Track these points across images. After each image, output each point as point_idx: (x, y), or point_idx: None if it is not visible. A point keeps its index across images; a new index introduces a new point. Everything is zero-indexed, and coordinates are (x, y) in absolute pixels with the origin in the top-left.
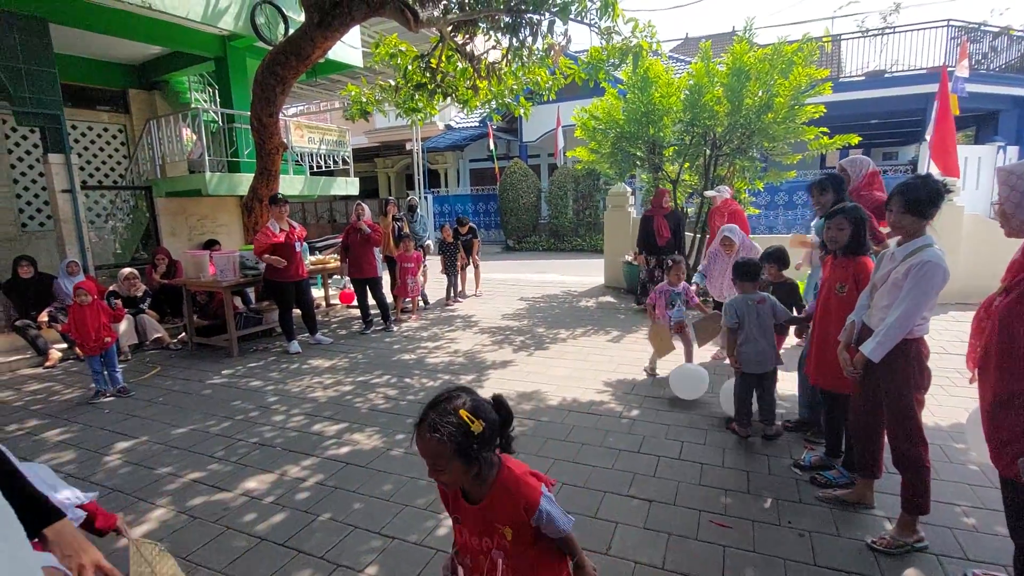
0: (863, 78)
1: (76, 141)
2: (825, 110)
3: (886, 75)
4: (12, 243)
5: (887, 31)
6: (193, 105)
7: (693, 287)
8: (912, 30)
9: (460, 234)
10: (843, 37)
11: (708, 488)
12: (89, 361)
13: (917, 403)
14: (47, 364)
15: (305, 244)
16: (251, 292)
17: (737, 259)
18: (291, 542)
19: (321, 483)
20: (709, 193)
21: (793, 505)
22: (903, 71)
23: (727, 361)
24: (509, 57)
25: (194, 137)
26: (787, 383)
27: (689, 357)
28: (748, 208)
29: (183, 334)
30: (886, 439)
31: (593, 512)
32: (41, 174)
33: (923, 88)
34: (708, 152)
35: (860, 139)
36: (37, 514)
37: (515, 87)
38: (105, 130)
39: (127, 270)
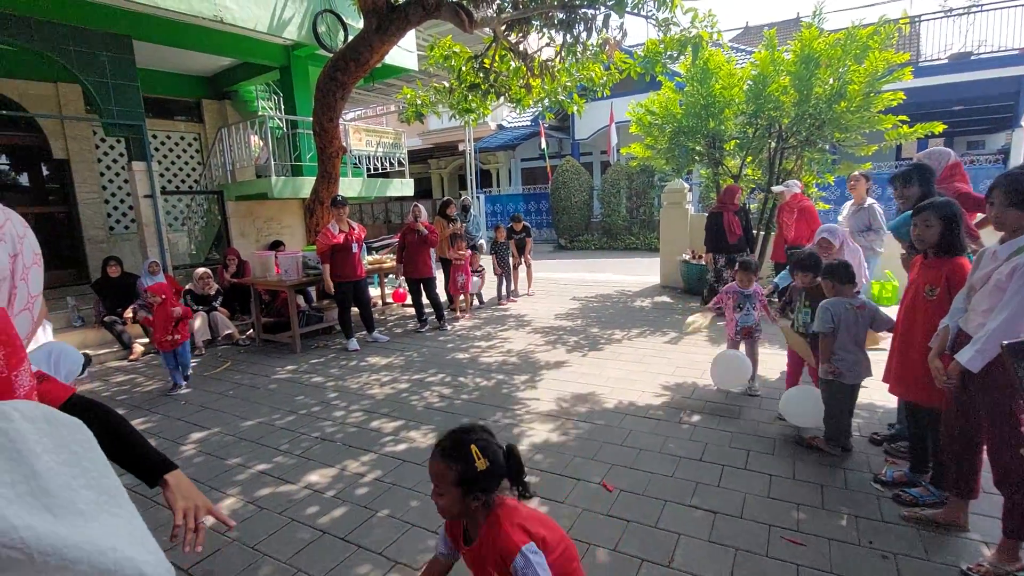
0: (946, 61)
1: (156, 149)
2: (904, 97)
3: (972, 57)
4: (101, 245)
5: (972, 9)
6: (260, 113)
7: (766, 289)
8: (1002, 7)
9: (515, 232)
10: (923, 18)
11: (778, 501)
12: (163, 357)
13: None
14: (131, 357)
15: (363, 245)
16: (312, 291)
17: (830, 261)
18: (352, 537)
19: (379, 479)
20: (777, 188)
21: (874, 524)
22: (991, 52)
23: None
24: (563, 54)
25: (261, 143)
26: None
27: (753, 369)
28: (818, 204)
29: (251, 331)
30: (984, 456)
31: (654, 522)
32: (126, 181)
33: (1015, 70)
34: (773, 145)
35: (944, 127)
36: (156, 464)
37: (568, 84)
38: (182, 138)
39: (201, 270)
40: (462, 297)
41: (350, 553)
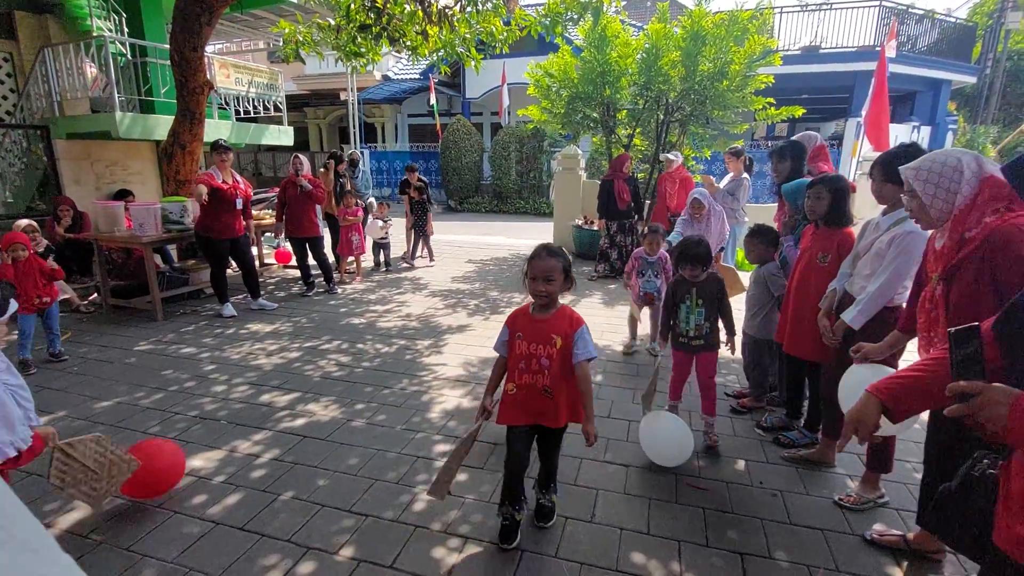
0: (799, 52)
1: None
2: (773, 80)
3: (821, 50)
4: None
5: (823, 7)
6: (96, 34)
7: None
8: (847, 7)
9: (409, 183)
10: (784, 9)
11: None
12: (22, 322)
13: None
14: None
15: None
16: (173, 250)
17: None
18: (251, 525)
19: (278, 459)
20: (667, 156)
21: (762, 466)
22: (834, 48)
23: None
24: (463, 2)
25: (94, 70)
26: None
27: (651, 333)
28: (695, 176)
29: (95, 295)
30: None
31: (573, 479)
32: None
33: (852, 66)
34: (661, 117)
35: (803, 111)
36: None
37: (468, 36)
38: None
39: (25, 222)
40: (351, 259)
41: (252, 543)
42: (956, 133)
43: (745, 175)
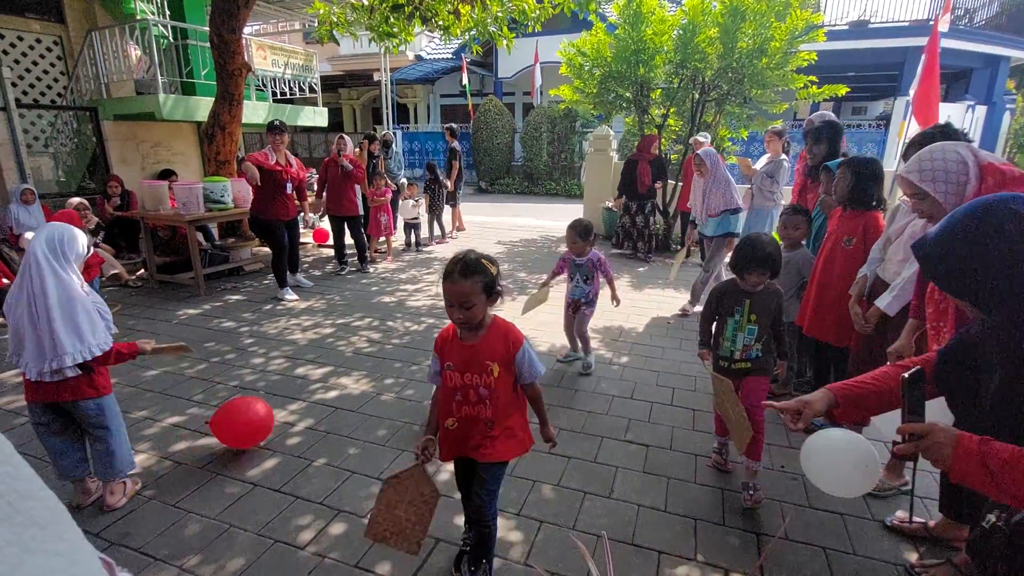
0: (847, 27)
1: (5, 52)
2: (816, 58)
3: (870, 25)
4: None
5: None
6: (139, 17)
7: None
8: None
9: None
10: None
11: (701, 433)
12: None
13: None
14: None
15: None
16: (214, 228)
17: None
18: (287, 488)
19: (312, 428)
20: (697, 137)
21: (783, 450)
22: (884, 23)
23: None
24: None
25: (138, 53)
26: None
27: (582, 347)
28: (730, 157)
29: (142, 270)
30: None
31: (592, 456)
32: None
33: (904, 41)
34: (696, 96)
35: (848, 90)
36: None
37: (500, 14)
38: (38, 41)
39: (77, 200)
40: (382, 239)
41: (287, 504)
42: (1014, 113)
43: (784, 156)
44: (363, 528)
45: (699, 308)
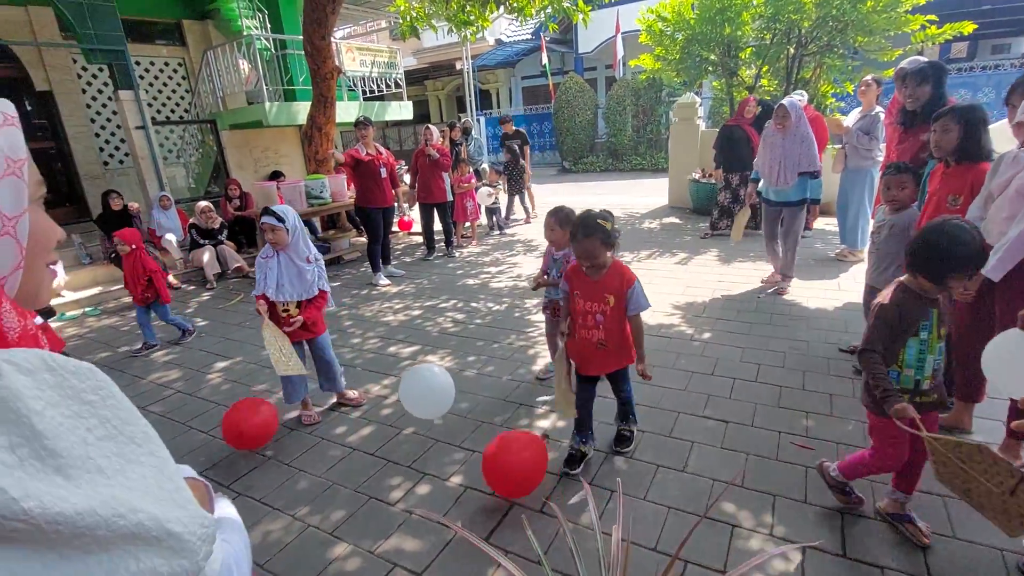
0: None
1: (141, 77)
2: None
3: None
4: (97, 180)
5: None
6: (245, 33)
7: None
8: None
9: (507, 136)
10: None
11: (788, 410)
12: (137, 311)
13: None
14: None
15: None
16: (317, 221)
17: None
18: (380, 452)
19: None
20: (796, 97)
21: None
22: None
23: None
24: None
25: (248, 66)
26: None
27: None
28: (836, 114)
29: None
30: None
31: (668, 431)
32: (114, 112)
33: None
34: (792, 51)
35: (975, 27)
36: None
37: None
38: (166, 64)
39: (203, 203)
40: (468, 224)
41: (380, 467)
42: None
43: (878, 107)
44: (443, 489)
45: (795, 281)
